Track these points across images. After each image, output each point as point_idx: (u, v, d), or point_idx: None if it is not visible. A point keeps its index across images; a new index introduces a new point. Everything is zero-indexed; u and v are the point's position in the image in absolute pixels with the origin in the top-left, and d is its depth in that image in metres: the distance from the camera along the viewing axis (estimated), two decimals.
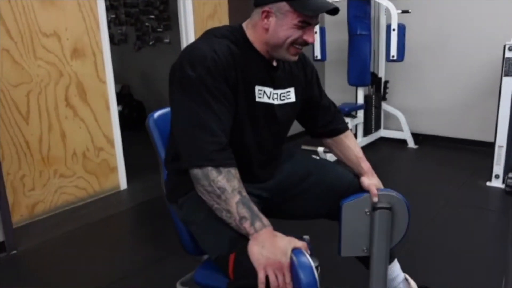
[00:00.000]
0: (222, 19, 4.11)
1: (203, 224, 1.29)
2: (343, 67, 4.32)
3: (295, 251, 1.13)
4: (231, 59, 1.27)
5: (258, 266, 1.09)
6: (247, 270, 1.11)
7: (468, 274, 2.21)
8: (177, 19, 4.01)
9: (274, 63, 1.40)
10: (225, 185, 1.16)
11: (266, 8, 1.28)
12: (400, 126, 4.44)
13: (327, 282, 1.70)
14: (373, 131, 4.44)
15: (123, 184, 3.56)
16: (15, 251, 2.63)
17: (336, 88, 4.96)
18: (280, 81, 1.42)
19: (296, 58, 1.35)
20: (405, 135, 4.44)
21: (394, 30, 3.76)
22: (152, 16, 5.57)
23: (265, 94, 1.36)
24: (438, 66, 4.37)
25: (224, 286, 1.32)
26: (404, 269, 1.71)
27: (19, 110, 2.85)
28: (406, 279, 1.67)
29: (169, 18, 5.44)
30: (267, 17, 1.29)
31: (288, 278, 1.09)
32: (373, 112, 4.39)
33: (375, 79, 4.39)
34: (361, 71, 4.11)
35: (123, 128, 3.63)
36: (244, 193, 1.18)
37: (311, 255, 1.15)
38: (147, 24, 5.64)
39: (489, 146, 3.42)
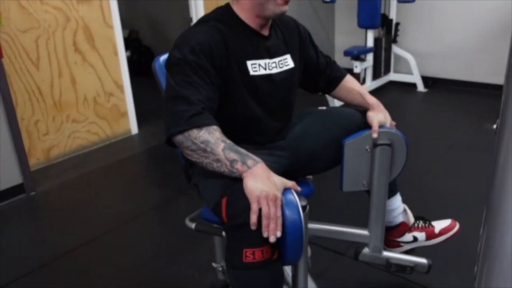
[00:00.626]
0: None
1: (202, 181, 1.36)
2: (353, 8, 4.23)
3: (284, 190, 1.18)
4: (219, 38, 1.32)
5: (253, 198, 1.12)
6: (237, 210, 1.15)
7: (466, 213, 2.28)
8: None
9: (266, 33, 1.43)
10: (207, 138, 1.21)
11: None
12: (410, 70, 4.39)
13: (331, 216, 1.79)
14: (382, 75, 4.41)
15: (134, 129, 3.64)
16: (33, 193, 2.76)
17: (346, 30, 4.89)
18: (275, 49, 1.45)
19: (285, 8, 1.36)
20: (415, 78, 4.40)
21: None
22: None
23: (261, 67, 1.39)
24: (450, 7, 4.25)
25: None
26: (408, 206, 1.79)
27: (29, 56, 2.88)
28: (405, 210, 1.76)
29: None
30: None
31: (279, 212, 1.13)
32: (382, 55, 4.33)
33: (386, 21, 4.29)
34: (371, 12, 4.02)
35: (132, 74, 3.65)
36: (228, 141, 1.22)
37: (300, 195, 1.19)
38: None
39: (500, 89, 3.38)
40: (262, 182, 1.14)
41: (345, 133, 1.52)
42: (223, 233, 1.32)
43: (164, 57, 1.59)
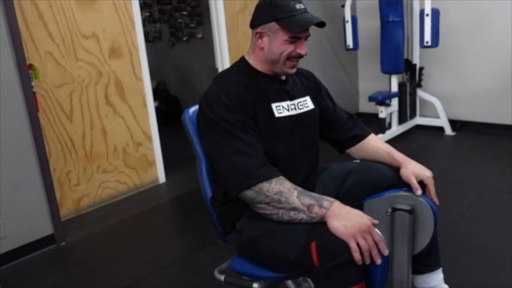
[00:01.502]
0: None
1: (272, 232, 1.31)
2: (376, 55, 4.28)
3: None
4: (243, 89, 1.38)
5: (348, 237, 1.14)
6: (332, 251, 1.15)
7: (506, 260, 2.18)
8: (209, 15, 4.08)
9: (283, 78, 1.49)
10: (280, 188, 1.24)
11: (258, 29, 1.40)
12: (437, 113, 4.36)
13: None
14: (408, 119, 4.39)
15: (162, 177, 3.69)
16: (64, 243, 2.79)
17: (370, 76, 4.93)
18: (295, 92, 1.50)
19: (294, 70, 1.43)
20: (442, 122, 4.36)
21: (427, 15, 3.69)
22: (185, 13, 5.67)
23: (284, 108, 1.44)
24: (475, 50, 4.26)
25: (259, 273, 1.39)
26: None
27: (63, 110, 3.00)
28: None
29: (201, 14, 5.52)
30: (261, 37, 1.40)
31: (376, 236, 1.16)
32: (408, 99, 4.33)
33: (410, 66, 4.32)
34: (394, 58, 4.06)
35: (160, 123, 3.75)
36: (299, 188, 1.25)
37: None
38: (180, 20, 5.75)
39: None
40: (346, 219, 1.17)
41: (369, 189, 1.46)
42: (254, 285, 1.30)
43: (193, 109, 1.63)
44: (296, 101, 1.49)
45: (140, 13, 3.43)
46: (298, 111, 1.48)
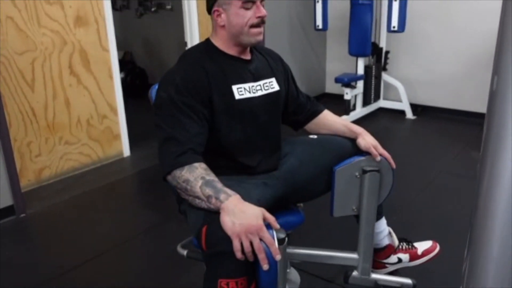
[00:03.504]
0: None
1: (188, 210, 1.39)
2: (345, 36, 4.33)
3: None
4: (202, 72, 1.40)
5: (232, 235, 1.14)
6: (217, 239, 1.18)
7: (452, 236, 2.31)
8: None
9: (247, 57, 1.51)
10: (188, 177, 1.27)
11: (214, 9, 1.44)
12: (400, 97, 4.48)
13: (322, 241, 1.81)
14: (372, 102, 4.49)
15: (126, 151, 3.66)
16: (23, 214, 2.75)
17: (337, 57, 4.99)
18: (260, 73, 1.52)
19: (260, 37, 1.45)
20: (404, 105, 4.49)
21: (395, 0, 3.75)
22: None
23: (246, 90, 1.46)
24: (440, 37, 4.38)
25: None
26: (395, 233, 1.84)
27: (24, 78, 2.91)
28: (390, 233, 1.83)
29: None
30: (218, 15, 1.44)
31: (268, 239, 1.15)
32: (373, 82, 4.42)
33: (376, 49, 4.40)
34: (361, 41, 4.12)
35: (126, 95, 3.69)
36: (208, 177, 1.26)
37: (279, 229, 1.22)
38: None
39: None
40: (237, 216, 1.16)
41: (336, 160, 1.56)
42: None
43: None
44: (261, 82, 1.51)
45: None
46: (264, 92, 1.51)
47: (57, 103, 3.12)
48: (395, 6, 3.77)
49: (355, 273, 1.68)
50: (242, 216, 1.16)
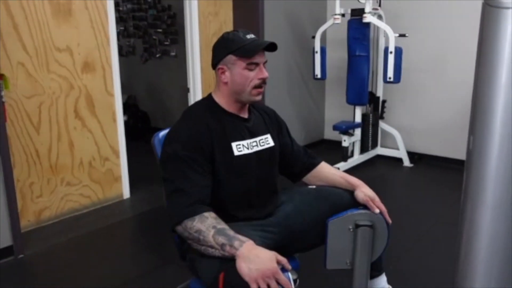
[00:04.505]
0: None
1: (199, 258, 1.41)
2: (343, 85, 4.47)
3: None
4: (204, 129, 1.49)
5: (250, 280, 1.19)
6: (236, 285, 1.22)
7: None
8: (183, 34, 4.18)
9: (245, 115, 1.60)
10: (200, 227, 1.33)
11: (219, 66, 1.53)
12: (397, 145, 4.57)
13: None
14: (370, 149, 4.57)
15: (126, 193, 3.70)
16: (22, 255, 2.76)
17: (336, 105, 5.12)
18: (256, 130, 1.61)
19: (259, 97, 1.55)
20: (401, 153, 4.56)
21: (391, 53, 3.90)
22: (160, 30, 5.75)
23: (244, 147, 1.55)
24: (435, 88, 4.51)
25: None
26: (391, 284, 1.84)
27: (31, 121, 3.00)
28: None
29: (176, 32, 5.61)
30: (223, 72, 1.53)
31: (283, 281, 1.21)
32: (370, 130, 4.52)
33: (373, 98, 4.53)
34: (359, 90, 4.25)
35: (128, 138, 3.78)
36: (220, 226, 1.32)
37: (291, 270, 1.28)
38: (154, 37, 5.81)
39: None
40: (253, 261, 1.21)
41: (332, 211, 1.60)
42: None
43: (163, 133, 1.71)
44: (257, 139, 1.60)
45: (115, 27, 3.48)
46: (260, 148, 1.60)
47: (61, 145, 3.19)
48: (391, 58, 3.91)
49: None
50: (257, 261, 1.21)
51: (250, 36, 1.51)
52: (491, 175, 0.64)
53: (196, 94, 4.09)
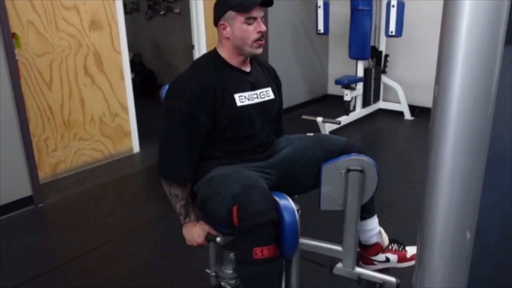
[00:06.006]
0: None
1: (213, 196, 1.60)
2: (346, 40, 4.51)
3: (279, 195, 1.52)
4: (209, 83, 1.61)
5: (187, 242, 1.67)
6: (249, 215, 1.42)
7: None
8: None
9: (247, 69, 1.71)
10: (177, 193, 1.66)
11: (221, 22, 1.64)
12: (398, 99, 4.66)
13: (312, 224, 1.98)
14: (371, 103, 4.67)
15: (136, 147, 3.87)
16: (41, 204, 2.96)
17: (339, 60, 5.17)
18: (257, 83, 1.73)
19: (260, 50, 1.65)
20: (402, 107, 4.66)
21: (393, 6, 3.93)
22: None
23: (245, 98, 1.68)
24: (435, 40, 4.50)
25: (221, 229, 1.64)
26: (386, 227, 1.96)
27: (43, 78, 3.13)
28: (380, 232, 1.93)
29: None
30: (224, 28, 1.64)
31: (203, 244, 1.65)
32: (372, 84, 4.60)
33: (376, 53, 4.58)
34: (361, 45, 4.31)
35: (135, 95, 3.90)
36: (188, 200, 1.67)
37: (293, 200, 1.49)
38: None
39: None
40: (188, 234, 1.67)
41: (328, 157, 1.72)
42: (218, 239, 1.63)
43: None
44: (258, 91, 1.72)
45: None
46: (260, 100, 1.72)
47: (72, 102, 3.33)
48: (393, 12, 3.94)
49: (339, 265, 1.78)
50: (190, 234, 1.66)
51: None
52: (452, 119, 0.77)
53: (200, 51, 4.16)
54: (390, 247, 1.91)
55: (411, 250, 1.93)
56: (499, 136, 0.87)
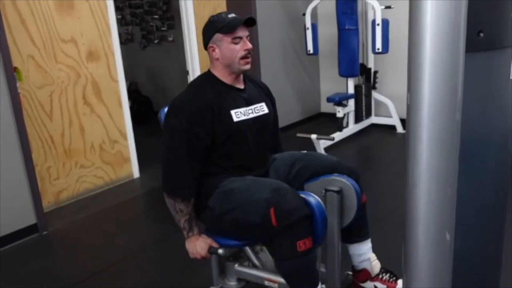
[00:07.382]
0: None
1: (241, 205, 1.67)
2: (335, 59, 4.65)
3: (303, 193, 1.68)
4: (207, 102, 1.71)
5: (190, 255, 1.80)
6: (285, 212, 1.54)
7: None
8: (179, 19, 4.36)
9: (241, 86, 1.83)
10: (182, 208, 1.75)
11: (210, 45, 1.78)
12: (390, 113, 4.77)
13: None
14: (364, 118, 4.78)
15: (136, 172, 3.95)
16: (46, 232, 3.02)
17: (330, 78, 5.30)
18: (252, 98, 1.84)
19: (248, 66, 1.77)
20: (394, 121, 4.77)
21: (378, 25, 4.08)
22: (156, 16, 5.92)
23: (241, 114, 1.78)
24: None
25: (223, 242, 1.73)
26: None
27: (44, 109, 3.23)
28: (369, 259, 1.88)
29: (172, 18, 5.79)
30: (213, 50, 1.78)
31: (207, 256, 1.78)
32: (363, 100, 4.72)
33: (365, 70, 4.71)
34: (350, 63, 4.44)
35: (133, 122, 4.00)
36: (192, 215, 1.77)
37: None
38: (151, 23, 5.99)
39: None
40: (191, 247, 1.80)
41: (314, 173, 1.79)
42: (220, 251, 1.74)
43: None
44: (253, 106, 1.83)
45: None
46: (256, 114, 1.82)
47: (72, 131, 3.43)
48: (378, 30, 4.09)
49: (323, 286, 1.69)
50: (193, 247, 1.79)
51: (232, 15, 1.75)
52: (424, 124, 0.87)
53: (195, 76, 4.27)
54: (380, 276, 1.88)
55: (401, 283, 1.85)
56: (470, 134, 0.96)
